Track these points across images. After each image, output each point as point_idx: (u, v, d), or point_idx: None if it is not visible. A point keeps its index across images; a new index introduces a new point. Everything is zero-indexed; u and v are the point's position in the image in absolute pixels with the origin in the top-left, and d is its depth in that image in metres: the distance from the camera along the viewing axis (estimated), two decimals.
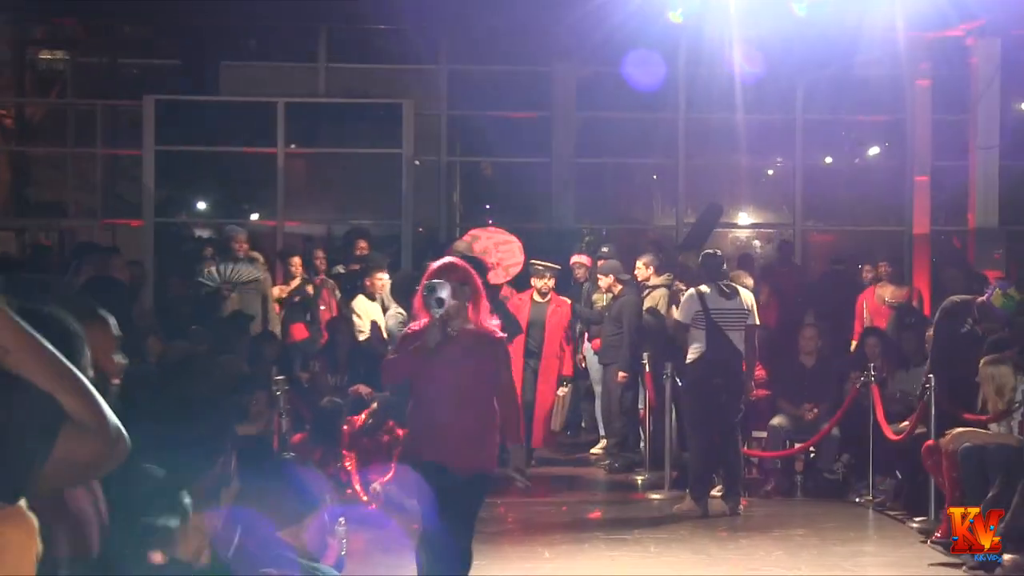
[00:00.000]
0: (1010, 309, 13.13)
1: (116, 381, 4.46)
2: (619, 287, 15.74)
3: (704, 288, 13.15)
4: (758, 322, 13.60)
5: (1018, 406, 11.08)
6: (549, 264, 15.45)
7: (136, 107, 20.64)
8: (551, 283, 15.25)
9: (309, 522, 5.34)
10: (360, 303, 15.44)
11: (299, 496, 5.34)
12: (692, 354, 13.17)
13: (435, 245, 18.46)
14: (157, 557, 4.21)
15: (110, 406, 3.24)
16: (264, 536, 5.13)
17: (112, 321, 4.49)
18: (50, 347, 3.07)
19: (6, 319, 3.05)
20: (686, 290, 13.74)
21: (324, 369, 14.72)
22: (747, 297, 13.35)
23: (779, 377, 14.82)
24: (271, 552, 5.40)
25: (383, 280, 15.59)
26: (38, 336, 3.06)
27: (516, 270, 15.06)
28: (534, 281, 15.20)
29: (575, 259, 17.35)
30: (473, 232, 15.50)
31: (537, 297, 15.15)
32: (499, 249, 14.79)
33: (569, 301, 15.64)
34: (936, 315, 13.36)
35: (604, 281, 16.01)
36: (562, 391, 15.23)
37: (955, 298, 13.30)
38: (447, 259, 8.26)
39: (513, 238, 15.21)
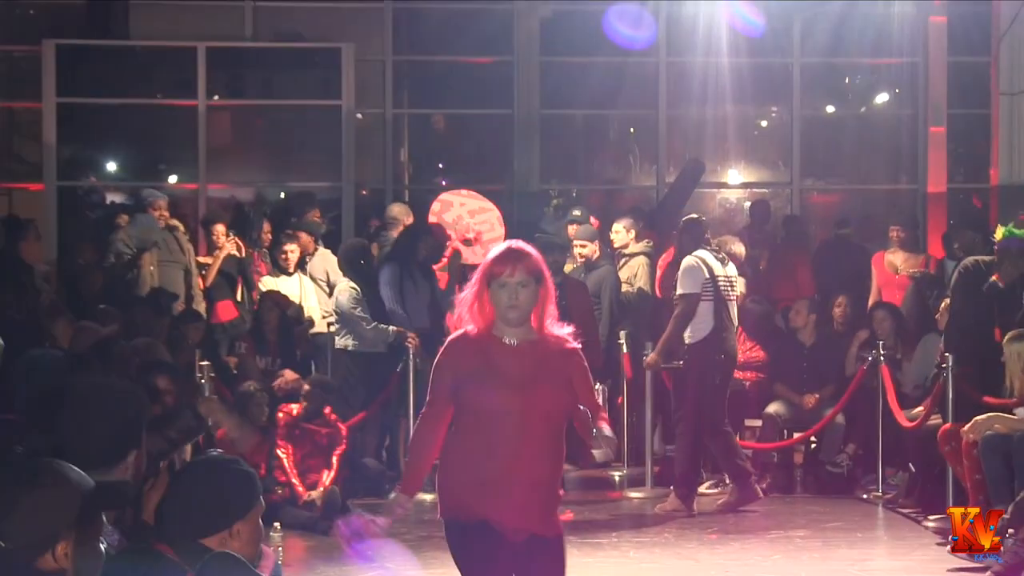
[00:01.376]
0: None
1: None
2: (596, 255, 15.66)
3: (706, 255, 13.19)
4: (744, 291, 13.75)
5: None
6: (558, 242, 15.18)
7: (34, 54, 20.50)
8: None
9: (239, 528, 5.34)
10: (267, 282, 15.57)
11: (226, 499, 5.32)
12: (699, 331, 13.16)
13: (381, 210, 18.48)
14: None
15: None
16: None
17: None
18: None
19: None
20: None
21: (251, 351, 14.79)
22: (733, 266, 13.48)
23: (776, 358, 14.91)
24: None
25: (295, 251, 15.65)
26: None
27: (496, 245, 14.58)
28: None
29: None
30: (443, 197, 15.02)
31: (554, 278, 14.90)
32: (475, 219, 14.29)
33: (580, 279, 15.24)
34: (953, 279, 13.40)
35: (583, 250, 15.72)
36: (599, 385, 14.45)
37: (975, 258, 13.35)
38: (513, 243, 6.77)
39: (491, 205, 14.83)
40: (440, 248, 15.23)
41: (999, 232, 13.14)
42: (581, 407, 6.47)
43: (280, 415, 12.84)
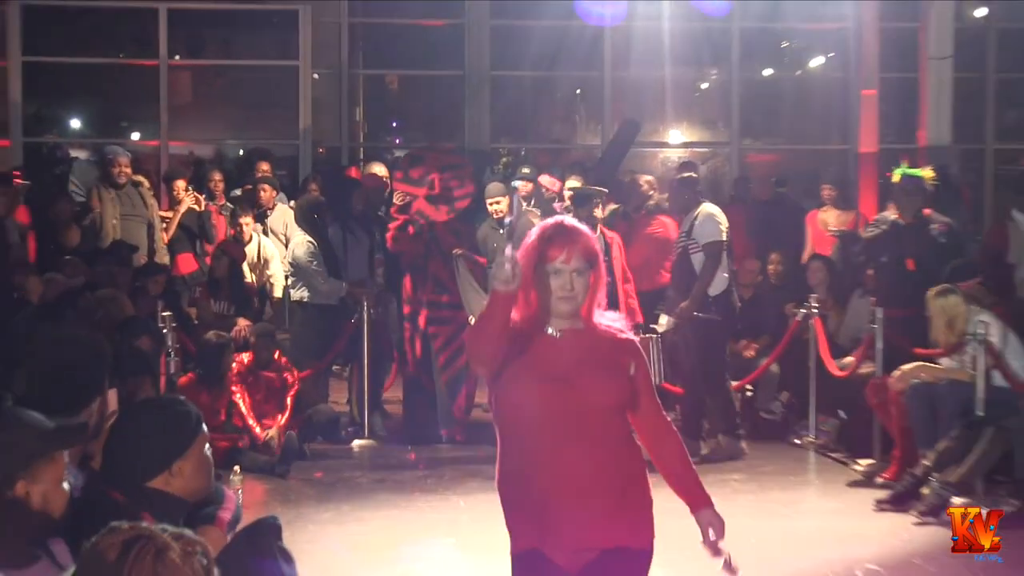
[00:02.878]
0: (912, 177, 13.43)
1: None
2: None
3: (716, 207, 13.18)
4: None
5: (970, 339, 11.25)
6: (593, 188, 14.48)
7: (0, 13, 20.37)
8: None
9: (179, 467, 5.28)
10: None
11: (160, 441, 5.27)
12: (721, 282, 13.07)
13: (338, 167, 18.48)
14: None
15: None
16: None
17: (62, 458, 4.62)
18: None
19: None
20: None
21: (205, 296, 14.85)
22: None
23: None
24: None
25: (249, 224, 15.68)
26: None
27: (466, 203, 14.11)
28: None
29: (541, 179, 16.82)
30: (415, 152, 14.52)
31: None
32: (445, 176, 13.74)
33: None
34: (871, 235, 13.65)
35: (497, 206, 14.67)
36: (652, 335, 13.69)
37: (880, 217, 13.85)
38: (565, 220, 5.44)
39: (463, 160, 14.42)
40: (379, 199, 15.14)
41: (896, 174, 13.42)
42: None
43: (234, 364, 12.83)
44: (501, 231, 14.56)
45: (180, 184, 16.46)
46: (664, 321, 13.41)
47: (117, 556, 3.49)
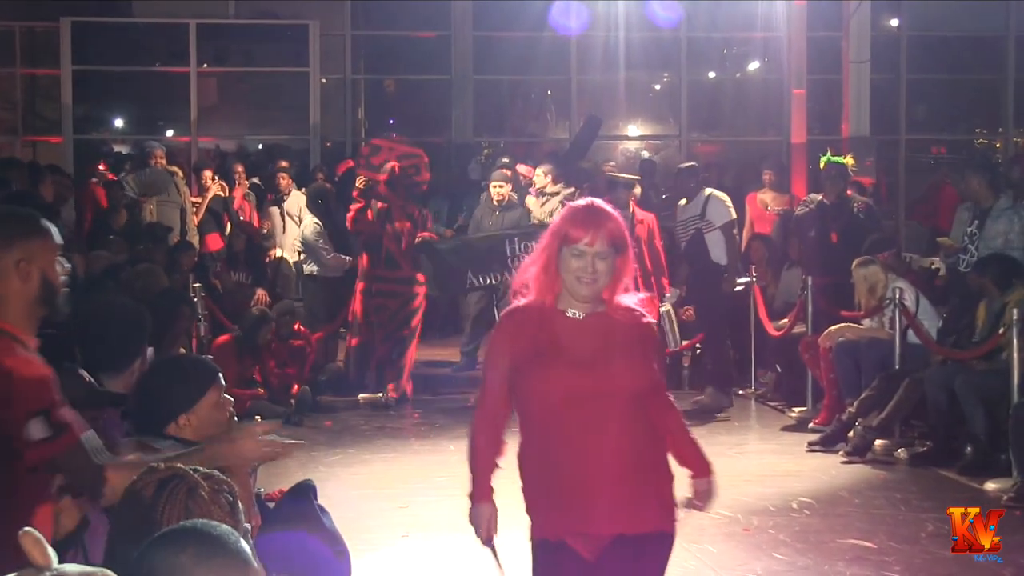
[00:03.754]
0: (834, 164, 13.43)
1: (63, 289, 4.45)
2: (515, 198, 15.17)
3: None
4: None
5: (888, 303, 11.21)
6: (629, 176, 14.49)
7: (53, 29, 20.27)
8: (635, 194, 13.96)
9: (184, 420, 5.20)
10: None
11: (169, 394, 5.16)
12: (722, 257, 12.95)
13: (341, 158, 18.39)
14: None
15: (57, 315, 4.24)
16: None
17: (54, 230, 4.43)
18: None
19: None
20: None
21: (225, 268, 14.86)
22: None
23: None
24: None
25: (267, 226, 15.66)
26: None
27: (423, 188, 13.97)
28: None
29: (519, 167, 16.48)
30: (375, 142, 14.25)
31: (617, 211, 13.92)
32: (403, 163, 13.39)
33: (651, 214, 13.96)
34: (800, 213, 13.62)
35: (500, 190, 14.70)
36: (664, 307, 13.40)
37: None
38: (595, 202, 4.72)
39: (419, 151, 14.01)
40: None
41: (822, 161, 13.42)
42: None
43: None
44: (497, 213, 14.48)
45: (207, 174, 16.45)
46: (670, 295, 13.31)
47: (153, 493, 3.44)
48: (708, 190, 13.15)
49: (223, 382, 4.86)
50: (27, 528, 2.45)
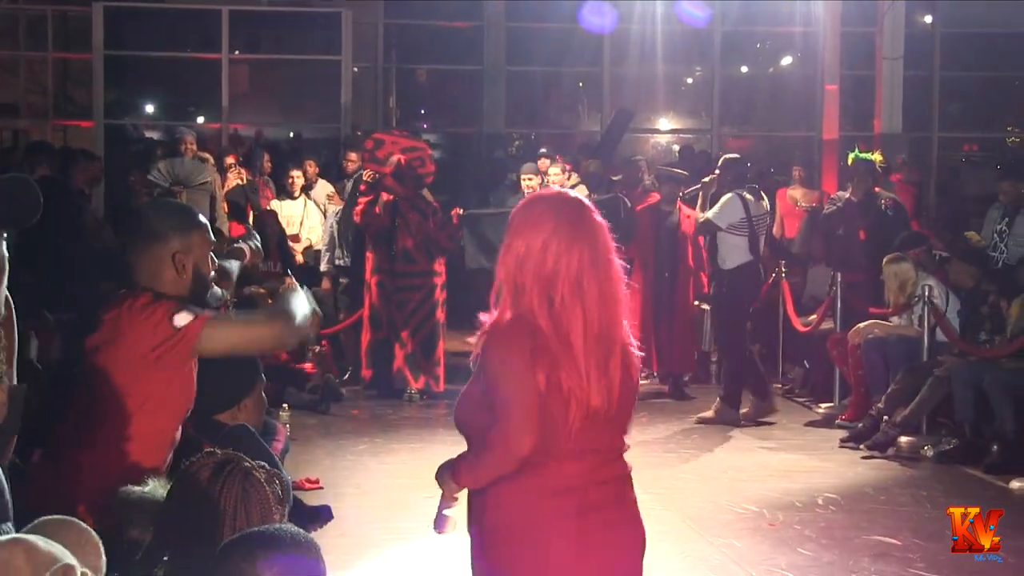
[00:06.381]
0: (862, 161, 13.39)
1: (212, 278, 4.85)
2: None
3: (746, 194, 12.31)
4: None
5: (918, 300, 11.25)
6: (676, 171, 14.34)
7: (86, 13, 20.35)
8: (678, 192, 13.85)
9: (246, 403, 5.34)
10: (279, 205, 15.52)
11: (235, 382, 5.32)
12: (734, 261, 12.21)
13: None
14: None
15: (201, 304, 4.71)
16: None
17: (208, 226, 4.76)
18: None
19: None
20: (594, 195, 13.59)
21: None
22: (766, 201, 12.81)
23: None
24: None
25: (299, 177, 15.60)
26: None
27: (429, 181, 13.60)
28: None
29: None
30: (377, 136, 13.95)
31: (665, 206, 13.72)
32: (409, 156, 13.26)
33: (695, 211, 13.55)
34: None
35: (529, 182, 14.25)
36: (704, 305, 13.65)
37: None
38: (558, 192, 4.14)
39: (422, 144, 13.83)
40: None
41: (849, 158, 13.40)
42: None
43: None
44: None
45: (228, 161, 16.42)
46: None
47: (210, 476, 3.54)
48: (738, 189, 12.51)
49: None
50: None
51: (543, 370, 3.70)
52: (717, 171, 12.67)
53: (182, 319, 4.51)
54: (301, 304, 4.84)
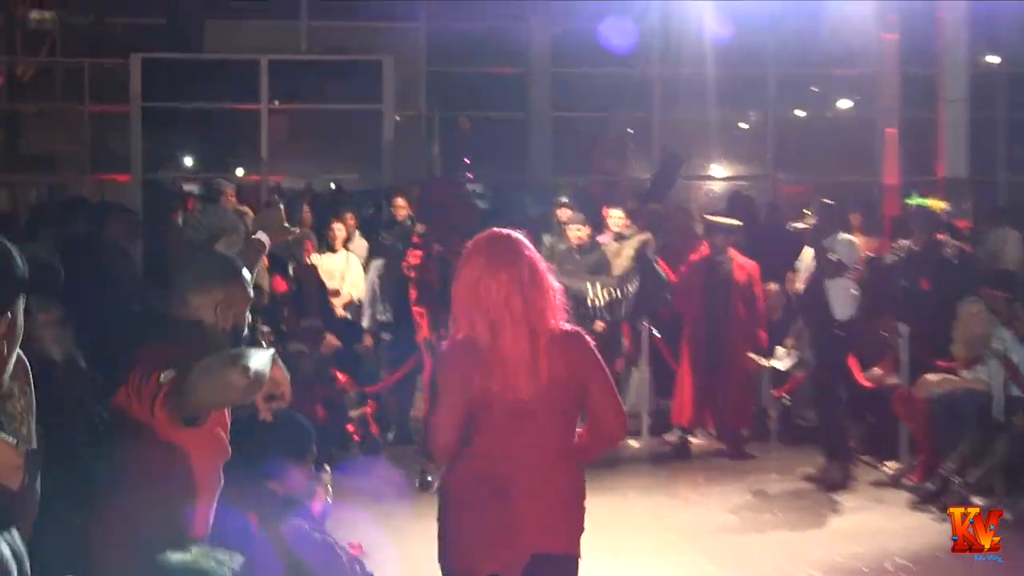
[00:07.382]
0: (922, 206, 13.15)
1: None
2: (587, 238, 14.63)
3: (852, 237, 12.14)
4: None
5: (990, 353, 10.97)
6: (727, 220, 13.94)
7: (123, 65, 20.41)
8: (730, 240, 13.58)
9: (294, 470, 5.29)
10: (320, 259, 15.37)
11: (284, 448, 5.29)
12: (848, 307, 11.85)
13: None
14: None
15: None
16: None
17: (248, 280, 5.00)
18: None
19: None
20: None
21: (293, 314, 14.70)
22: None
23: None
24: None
25: (341, 230, 15.49)
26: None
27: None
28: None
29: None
30: (425, 185, 13.97)
31: (716, 256, 13.39)
32: (459, 205, 13.24)
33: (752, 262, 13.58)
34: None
35: (578, 233, 14.07)
36: (763, 362, 13.44)
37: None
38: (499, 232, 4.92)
39: (468, 191, 13.88)
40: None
41: (909, 202, 13.18)
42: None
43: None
44: (578, 257, 13.92)
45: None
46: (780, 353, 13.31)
47: None
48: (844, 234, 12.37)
49: None
50: None
51: (479, 379, 4.66)
52: (810, 216, 12.43)
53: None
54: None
